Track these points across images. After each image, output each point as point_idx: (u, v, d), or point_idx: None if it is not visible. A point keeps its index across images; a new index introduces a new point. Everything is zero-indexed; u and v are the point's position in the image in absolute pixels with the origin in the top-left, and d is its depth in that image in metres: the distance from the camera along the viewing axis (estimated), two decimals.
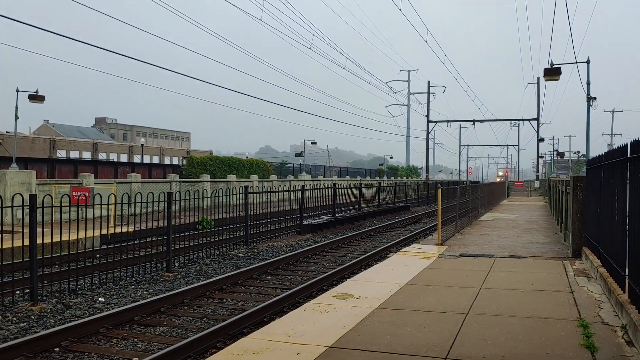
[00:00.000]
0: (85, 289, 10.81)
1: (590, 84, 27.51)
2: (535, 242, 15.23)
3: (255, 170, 42.56)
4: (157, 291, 10.80)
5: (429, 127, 60.78)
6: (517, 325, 6.62)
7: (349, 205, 34.20)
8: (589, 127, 28.71)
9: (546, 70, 25.01)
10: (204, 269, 13.22)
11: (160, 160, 76.45)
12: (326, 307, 7.63)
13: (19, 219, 17.99)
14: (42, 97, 26.80)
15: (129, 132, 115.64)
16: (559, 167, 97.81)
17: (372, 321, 6.85)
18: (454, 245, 14.22)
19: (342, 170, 71.15)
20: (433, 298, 8.12)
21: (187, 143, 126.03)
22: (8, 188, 19.67)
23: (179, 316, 9.03)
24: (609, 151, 8.67)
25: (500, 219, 23.55)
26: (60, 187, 21.50)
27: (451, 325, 6.61)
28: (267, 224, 20.41)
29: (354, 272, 12.57)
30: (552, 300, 7.98)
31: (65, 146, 63.94)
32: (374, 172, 79.89)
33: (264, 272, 12.79)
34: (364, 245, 18.47)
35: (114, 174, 34.16)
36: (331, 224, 23.22)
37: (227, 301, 10.14)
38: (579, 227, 12.23)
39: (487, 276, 9.90)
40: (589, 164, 11.60)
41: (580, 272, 10.28)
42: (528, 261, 11.77)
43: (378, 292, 8.49)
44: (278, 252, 16.10)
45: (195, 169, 37.07)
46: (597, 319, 6.93)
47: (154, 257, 13.21)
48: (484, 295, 8.28)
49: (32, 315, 8.89)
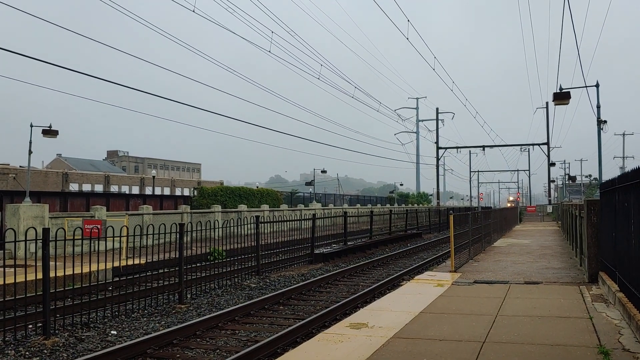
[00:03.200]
0: (98, 322, 10.77)
1: (600, 107, 27.48)
2: (550, 267, 15.02)
3: (266, 200, 42.61)
4: (170, 323, 10.73)
5: (439, 154, 60.80)
6: (535, 353, 6.48)
7: (360, 233, 34.04)
8: (600, 151, 28.56)
9: (555, 95, 25.00)
10: (216, 300, 13.14)
11: (171, 192, 76.85)
12: (340, 337, 7.53)
13: (32, 252, 18.07)
14: (56, 131, 27.15)
15: (140, 164, 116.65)
16: (571, 191, 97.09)
17: (388, 351, 6.74)
18: (467, 272, 14.05)
19: (353, 199, 71.07)
20: (448, 326, 7.99)
21: (198, 174, 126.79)
22: (22, 222, 19.80)
23: (191, 348, 8.94)
24: (623, 174, 8.59)
25: (514, 244, 23.30)
26: (73, 220, 21.61)
27: (468, 354, 6.49)
28: (279, 253, 20.32)
29: (367, 301, 12.43)
30: (570, 326, 7.82)
31: (78, 179, 64.55)
32: (385, 199, 79.70)
33: (277, 303, 12.68)
34: (377, 273, 18.30)
35: (126, 206, 34.34)
36: (343, 252, 23.08)
37: (240, 332, 10.04)
38: (595, 252, 12.05)
39: (503, 303, 9.75)
40: (603, 188, 11.49)
41: (597, 298, 10.10)
42: (544, 287, 11.59)
43: (392, 321, 8.37)
44: (290, 282, 15.99)
45: (206, 200, 37.17)
46: (617, 345, 6.77)
47: (166, 289, 13.16)
48: (500, 323, 8.13)
49: (44, 349, 8.85)
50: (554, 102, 25.66)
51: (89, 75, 17.08)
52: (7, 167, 54.30)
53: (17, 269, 13.89)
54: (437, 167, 61.62)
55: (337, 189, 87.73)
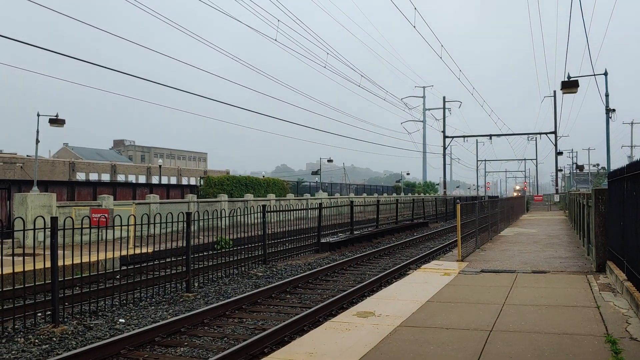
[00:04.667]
0: (106, 310, 10.85)
1: (608, 95, 27.25)
2: (557, 256, 14.98)
3: (272, 189, 42.65)
4: (177, 311, 10.80)
5: (446, 143, 60.54)
6: (543, 341, 6.48)
7: (367, 222, 34.05)
8: (608, 140, 28.36)
9: (563, 83, 24.80)
10: (223, 289, 13.20)
11: (178, 181, 77.05)
12: (347, 325, 7.56)
13: (40, 241, 18.19)
14: (62, 120, 27.20)
15: (146, 153, 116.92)
16: (579, 180, 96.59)
17: (394, 339, 6.76)
18: (474, 261, 14.04)
19: (359, 188, 71.00)
20: (455, 315, 7.99)
21: (204, 163, 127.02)
22: (29, 211, 19.92)
23: (199, 336, 9.00)
24: (632, 163, 8.53)
25: (521, 233, 23.25)
26: (80, 209, 21.72)
27: (475, 343, 6.49)
28: (285, 242, 20.37)
29: (373, 290, 12.46)
30: (578, 315, 7.81)
31: (85, 168, 64.81)
32: (391, 188, 79.62)
33: (284, 291, 12.72)
34: (383, 262, 18.32)
35: (133, 195, 34.43)
36: (349, 241, 23.11)
37: (247, 321, 10.09)
38: (602, 241, 12.01)
39: (510, 292, 9.74)
40: (611, 177, 11.42)
41: (605, 287, 10.07)
42: (551, 276, 11.57)
43: (399, 310, 8.39)
44: (297, 271, 16.03)
45: (212, 189, 37.24)
46: (625, 334, 6.76)
47: (173, 278, 13.23)
48: (507, 312, 8.13)
49: (53, 337, 8.93)
50: (562, 90, 25.46)
51: (99, 65, 17.05)
52: (14, 157, 54.56)
53: (25, 258, 13.99)
54: (444, 156, 61.43)
55: (344, 178, 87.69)
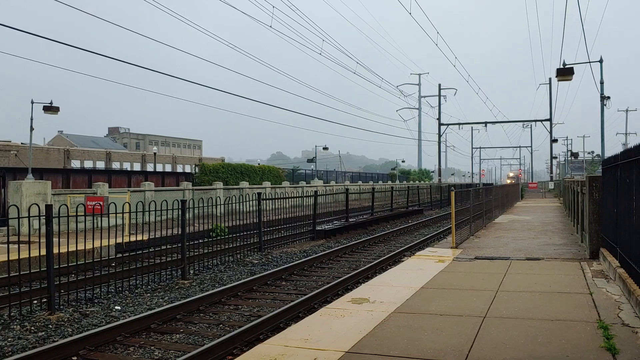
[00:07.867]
0: (102, 297, 10.87)
1: (603, 83, 27.25)
2: (551, 243, 15.07)
3: (268, 177, 42.63)
4: (173, 299, 10.83)
5: (441, 130, 60.55)
6: (536, 327, 6.55)
7: (362, 210, 34.13)
8: (603, 127, 28.41)
9: (558, 71, 24.79)
10: (219, 276, 13.24)
11: (172, 169, 76.86)
12: (342, 312, 7.60)
13: (35, 229, 18.16)
14: (57, 108, 27.06)
15: (141, 141, 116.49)
16: (573, 167, 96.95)
17: (389, 325, 6.81)
18: (468, 248, 14.12)
19: (354, 175, 71.05)
20: (449, 301, 8.05)
21: (199, 151, 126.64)
22: (24, 199, 19.87)
23: (195, 323, 9.04)
24: (625, 150, 8.56)
25: (515, 220, 23.36)
26: (75, 196, 21.67)
27: (469, 329, 6.55)
28: (281, 230, 20.41)
29: (368, 277, 12.52)
30: (570, 302, 7.88)
31: (80, 156, 64.54)
32: (386, 176, 79.69)
33: (279, 278, 12.78)
34: (378, 249, 18.40)
35: (128, 183, 34.38)
36: (344, 229, 23.18)
37: (242, 307, 10.14)
38: (596, 228, 12.08)
39: (504, 279, 9.81)
40: (605, 164, 11.46)
41: (598, 274, 10.15)
42: (545, 263, 11.65)
43: (394, 297, 8.44)
44: (292, 258, 16.09)
45: (207, 177, 37.21)
46: (617, 320, 6.83)
47: (168, 265, 13.26)
48: (501, 298, 8.20)
49: (49, 324, 8.95)
50: (557, 77, 25.45)
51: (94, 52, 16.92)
52: (8, 144, 54.25)
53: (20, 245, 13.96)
54: (439, 143, 61.47)
55: (339, 166, 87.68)
